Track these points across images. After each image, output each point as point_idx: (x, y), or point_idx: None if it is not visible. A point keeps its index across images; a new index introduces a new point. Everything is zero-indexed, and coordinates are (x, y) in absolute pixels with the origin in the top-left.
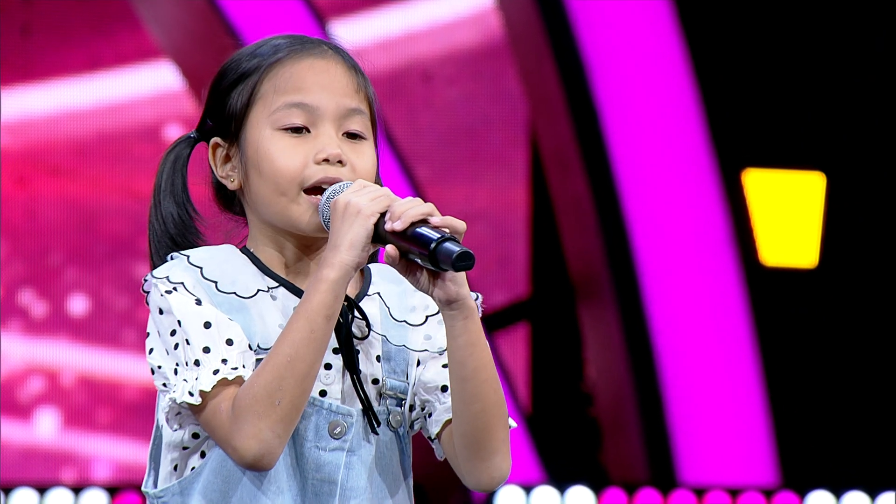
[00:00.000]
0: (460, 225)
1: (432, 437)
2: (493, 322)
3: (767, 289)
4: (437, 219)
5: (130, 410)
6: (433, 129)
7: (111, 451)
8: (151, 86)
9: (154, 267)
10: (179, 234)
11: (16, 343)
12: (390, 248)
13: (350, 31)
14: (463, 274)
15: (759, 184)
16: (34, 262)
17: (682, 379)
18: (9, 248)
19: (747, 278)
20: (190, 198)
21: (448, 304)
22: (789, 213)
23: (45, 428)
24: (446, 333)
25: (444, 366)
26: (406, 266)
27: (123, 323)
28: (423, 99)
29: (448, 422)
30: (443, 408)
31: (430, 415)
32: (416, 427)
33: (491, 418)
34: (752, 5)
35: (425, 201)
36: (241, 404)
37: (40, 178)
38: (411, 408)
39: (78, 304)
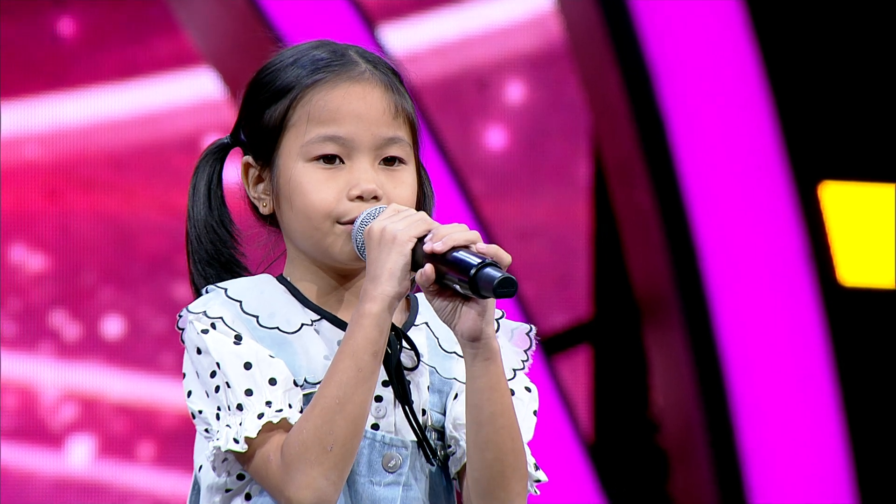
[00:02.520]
0: (506, 257)
1: (453, 475)
2: (553, 345)
3: (846, 310)
4: (481, 246)
5: (170, 438)
6: (489, 140)
7: (149, 482)
8: (190, 94)
9: (194, 282)
10: (214, 248)
11: (47, 367)
12: (427, 267)
13: (401, 36)
14: (492, 311)
15: (837, 197)
16: (66, 281)
17: (755, 405)
18: (39, 266)
19: (824, 299)
20: (226, 208)
21: (471, 341)
22: (869, 229)
23: (79, 457)
24: (466, 374)
25: None
26: (437, 291)
27: (161, 346)
28: (479, 107)
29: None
30: (465, 448)
31: (454, 452)
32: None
33: (506, 468)
34: (828, 9)
35: (480, 217)
36: (292, 452)
37: (73, 192)
38: (446, 444)
39: (113, 326)
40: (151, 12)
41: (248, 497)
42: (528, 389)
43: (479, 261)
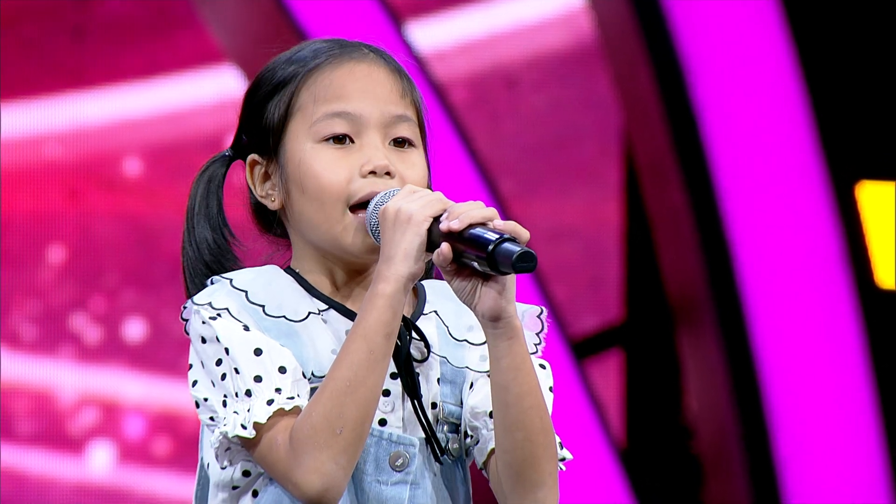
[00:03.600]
0: (524, 232)
1: (479, 465)
2: (584, 348)
3: (883, 313)
4: (498, 222)
5: (192, 444)
6: (518, 140)
7: (171, 488)
8: (214, 92)
9: (189, 296)
10: (215, 260)
11: (67, 371)
12: (444, 246)
13: (428, 33)
14: (512, 289)
15: (875, 198)
16: (87, 283)
17: (791, 410)
18: (60, 268)
19: (861, 302)
20: (226, 221)
21: (492, 321)
22: None
23: (100, 463)
24: (489, 355)
25: None
26: (455, 271)
27: (184, 349)
28: (508, 106)
29: (493, 450)
30: (489, 434)
31: (477, 442)
32: (470, 455)
33: (536, 448)
34: (865, 6)
35: (509, 217)
36: (300, 436)
37: (94, 193)
38: (465, 434)
39: (135, 329)
40: (174, 8)
41: (255, 494)
42: (543, 367)
43: (497, 236)
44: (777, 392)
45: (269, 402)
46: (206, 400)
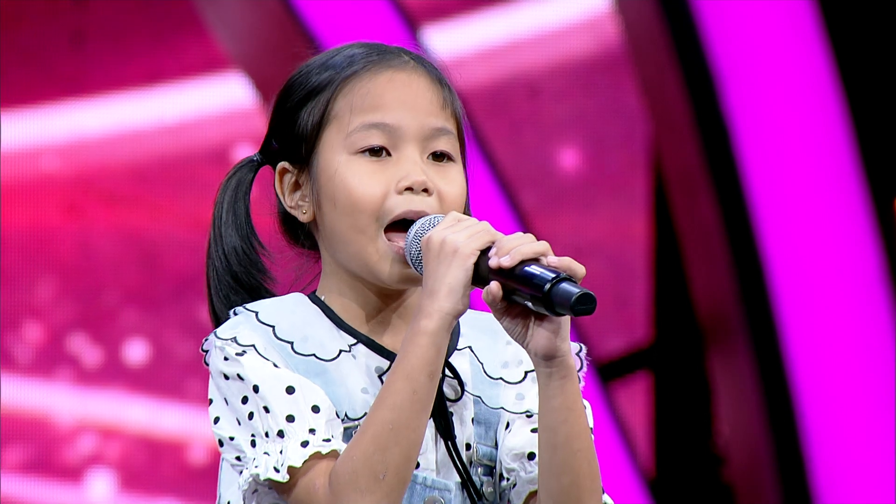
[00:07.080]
0: (579, 269)
1: None
2: (610, 371)
3: None
4: (552, 259)
5: (196, 472)
6: (540, 151)
7: None
8: (220, 101)
9: (214, 310)
10: (244, 271)
11: (65, 395)
12: (493, 285)
13: (446, 39)
14: (567, 327)
15: None
16: (86, 302)
17: (827, 436)
18: (58, 286)
19: None
20: (254, 229)
21: (546, 360)
22: None
23: (99, 492)
24: (539, 393)
25: (534, 430)
26: (505, 309)
27: (188, 372)
28: (529, 115)
29: (532, 494)
30: (528, 478)
31: (514, 485)
32: (504, 499)
33: (582, 494)
34: None
35: (531, 232)
36: (341, 480)
37: (94, 207)
38: (500, 476)
39: (136, 351)
40: (177, 13)
41: None
42: (583, 407)
43: (553, 275)
44: (812, 416)
45: (304, 444)
46: (231, 439)
